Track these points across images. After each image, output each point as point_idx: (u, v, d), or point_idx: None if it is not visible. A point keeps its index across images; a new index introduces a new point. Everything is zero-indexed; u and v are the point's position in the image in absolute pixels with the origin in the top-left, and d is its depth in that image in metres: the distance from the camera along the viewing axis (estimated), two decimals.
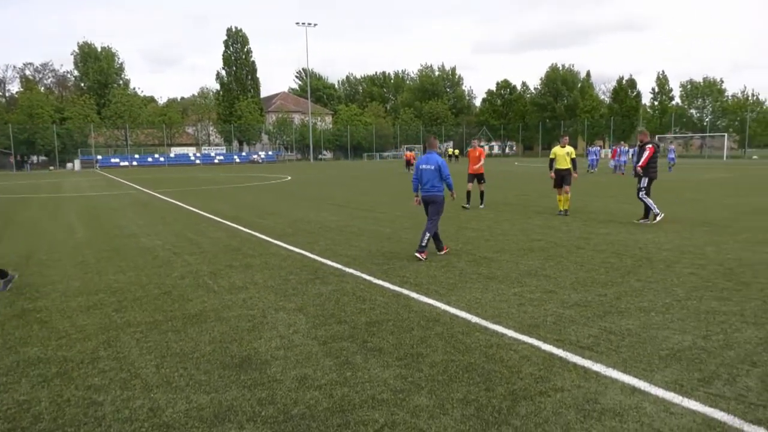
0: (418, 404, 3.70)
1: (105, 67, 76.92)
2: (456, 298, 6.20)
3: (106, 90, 75.94)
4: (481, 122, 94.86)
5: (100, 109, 73.09)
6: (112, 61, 78.34)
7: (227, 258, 8.80)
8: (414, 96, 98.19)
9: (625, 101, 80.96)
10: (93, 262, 8.78)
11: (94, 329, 5.43)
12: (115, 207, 17.95)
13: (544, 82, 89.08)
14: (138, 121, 74.19)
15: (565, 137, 13.73)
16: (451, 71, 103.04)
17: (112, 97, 73.47)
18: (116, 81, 78.72)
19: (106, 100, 73.83)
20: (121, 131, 74.06)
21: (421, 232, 8.48)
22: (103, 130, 72.57)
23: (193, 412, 3.69)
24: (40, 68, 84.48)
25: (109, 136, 73.82)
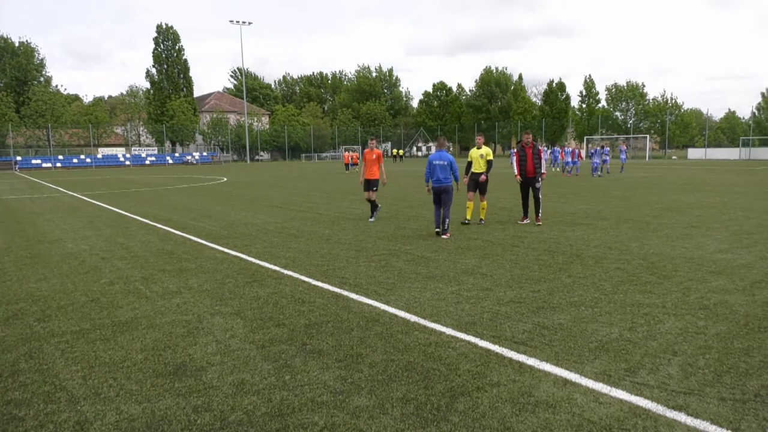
0: (358, 405, 3.70)
1: (23, 62, 72.41)
2: (395, 297, 6.24)
3: (26, 87, 71.51)
4: (419, 123, 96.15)
5: (19, 107, 68.77)
6: (31, 57, 73.84)
7: (160, 262, 8.49)
8: (352, 97, 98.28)
9: (555, 104, 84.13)
10: (12, 269, 8.26)
11: (14, 340, 5.11)
12: (37, 211, 16.94)
13: (479, 84, 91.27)
14: (61, 121, 70.28)
15: (480, 137, 11.97)
16: (388, 72, 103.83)
17: (32, 94, 69.23)
18: (36, 78, 74.27)
19: (26, 98, 69.52)
20: (42, 131, 69.97)
21: (440, 218, 10.29)
22: (22, 129, 68.32)
23: (124, 423, 3.53)
24: None
25: (29, 136, 69.54)
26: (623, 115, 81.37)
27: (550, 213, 13.59)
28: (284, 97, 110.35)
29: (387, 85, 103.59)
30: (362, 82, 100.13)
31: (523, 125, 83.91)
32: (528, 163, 11.56)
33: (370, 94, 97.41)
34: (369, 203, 12.97)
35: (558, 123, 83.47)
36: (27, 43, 73.65)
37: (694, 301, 5.93)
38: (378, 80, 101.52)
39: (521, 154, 11.67)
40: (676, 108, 79.73)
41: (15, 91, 70.45)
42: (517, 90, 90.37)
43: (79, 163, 67.86)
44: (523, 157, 11.65)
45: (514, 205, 15.33)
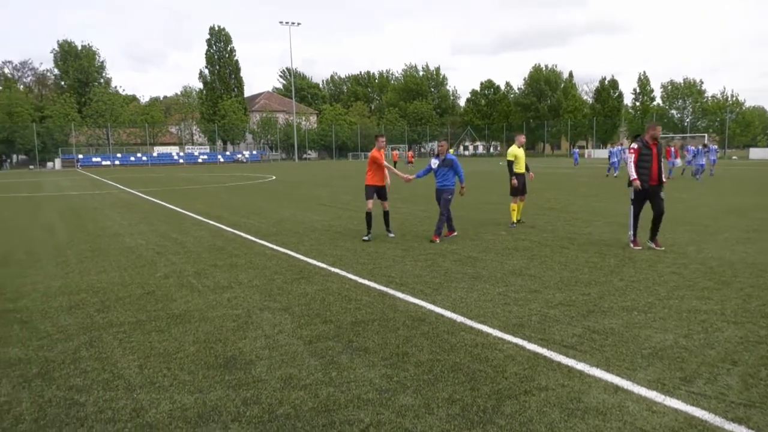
0: (404, 404, 3.71)
1: (86, 65, 75.88)
2: (441, 297, 6.21)
3: (87, 88, 74.92)
4: (466, 122, 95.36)
5: (81, 107, 72.11)
6: (92, 60, 77.29)
7: (212, 257, 8.73)
8: (398, 96, 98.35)
9: (607, 102, 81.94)
10: (74, 262, 8.67)
11: (76, 329, 5.36)
12: (97, 207, 17.71)
13: (528, 83, 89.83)
14: (120, 120, 73.28)
15: (522, 136, 11.80)
16: (435, 71, 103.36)
17: (93, 95, 72.49)
18: (97, 79, 77.68)
19: (87, 99, 72.85)
20: (102, 130, 73.11)
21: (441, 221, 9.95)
22: (84, 129, 71.61)
23: (177, 412, 3.65)
24: (20, 66, 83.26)
25: (90, 135, 72.84)
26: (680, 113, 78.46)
27: (600, 214, 13.24)
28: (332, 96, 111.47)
29: (434, 84, 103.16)
30: (409, 81, 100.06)
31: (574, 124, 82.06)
32: (654, 166, 8.63)
33: (417, 93, 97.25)
34: (382, 216, 10.52)
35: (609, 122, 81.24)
36: (89, 47, 77.12)
37: (755, 309, 5.66)
38: (425, 79, 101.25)
39: (644, 152, 8.69)
40: (737, 105, 76.29)
41: (77, 92, 73.91)
42: (567, 88, 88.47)
43: (135, 161, 70.51)
44: (648, 156, 8.64)
45: (564, 205, 15.01)
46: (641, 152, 8.70)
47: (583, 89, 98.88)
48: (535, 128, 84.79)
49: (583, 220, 12.33)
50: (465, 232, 10.87)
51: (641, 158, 8.69)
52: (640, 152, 8.71)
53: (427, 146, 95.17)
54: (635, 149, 8.76)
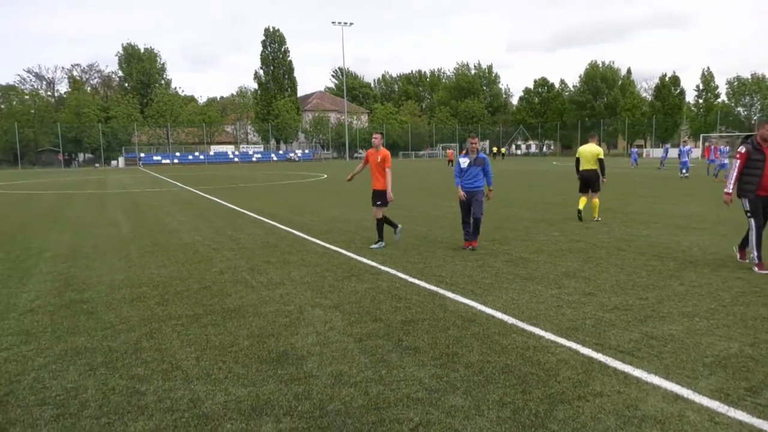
0: (454, 404, 3.69)
1: (147, 67, 79.11)
2: (492, 298, 6.14)
3: (149, 89, 78.10)
4: (518, 121, 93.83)
5: (143, 108, 75.23)
6: (154, 62, 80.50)
7: (265, 254, 8.93)
8: (450, 94, 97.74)
9: (667, 99, 78.85)
10: (136, 256, 9.04)
11: (138, 321, 5.60)
12: (158, 204, 18.43)
13: (583, 80, 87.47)
14: (179, 120, 76.02)
15: (594, 135, 12.52)
16: (488, 69, 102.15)
17: (155, 96, 75.56)
18: (158, 81, 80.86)
19: (149, 100, 75.96)
20: (162, 130, 76.03)
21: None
22: (145, 128, 74.69)
23: (232, 404, 3.76)
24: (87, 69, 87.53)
25: (151, 134, 75.92)
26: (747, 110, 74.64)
27: (659, 216, 12.76)
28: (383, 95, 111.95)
29: (486, 82, 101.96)
30: (461, 79, 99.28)
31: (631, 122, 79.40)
32: (766, 173, 7.15)
33: (468, 92, 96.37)
34: (380, 223, 9.39)
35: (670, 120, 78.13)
36: (151, 49, 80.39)
37: None
38: (477, 77, 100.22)
39: (754, 157, 7.24)
40: None
41: (140, 93, 77.16)
42: (625, 85, 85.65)
43: (193, 159, 72.87)
44: (759, 162, 7.19)
45: (620, 206, 14.55)
46: (750, 157, 7.27)
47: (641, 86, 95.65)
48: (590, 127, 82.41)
49: (640, 221, 11.92)
50: (516, 232, 10.70)
51: (750, 164, 7.26)
52: (748, 157, 7.28)
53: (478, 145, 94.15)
54: (743, 153, 7.32)
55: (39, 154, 72.45)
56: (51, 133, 70.18)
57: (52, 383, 4.15)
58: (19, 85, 78.82)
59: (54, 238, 11.08)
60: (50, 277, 7.59)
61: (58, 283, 7.28)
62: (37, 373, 4.34)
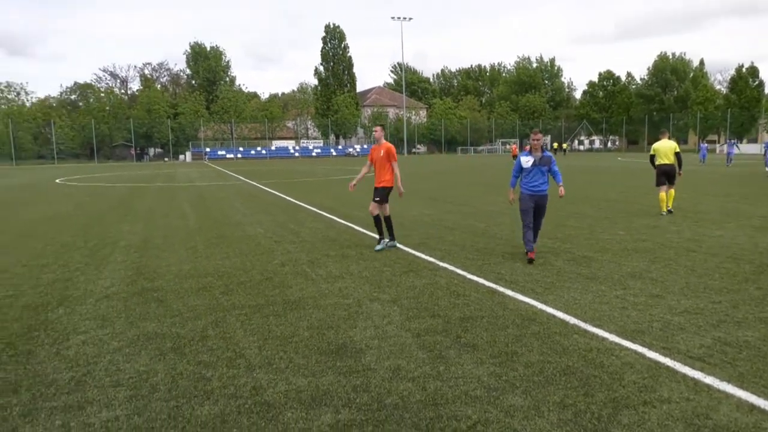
0: (513, 404, 3.64)
1: (213, 65, 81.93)
2: (553, 297, 6.01)
3: (214, 87, 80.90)
4: (581, 116, 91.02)
5: (209, 104, 78.01)
6: (219, 60, 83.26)
7: (325, 248, 9.08)
8: (510, 89, 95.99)
9: (744, 92, 74.46)
10: (202, 247, 9.39)
11: (204, 309, 5.82)
12: (222, 197, 19.06)
13: (652, 73, 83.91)
14: (242, 116, 78.33)
15: (665, 131, 13.14)
16: (550, 62, 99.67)
17: (220, 93, 78.19)
18: (223, 78, 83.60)
19: (214, 96, 78.69)
20: (227, 125, 78.52)
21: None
22: (211, 124, 77.42)
23: (292, 393, 3.85)
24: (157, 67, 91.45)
25: (216, 130, 78.61)
26: None
27: (733, 215, 12.09)
28: (442, 90, 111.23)
29: (548, 75, 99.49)
30: (522, 73, 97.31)
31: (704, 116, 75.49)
32: None
33: (529, 86, 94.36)
34: (378, 220, 8.93)
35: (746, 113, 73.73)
36: (216, 48, 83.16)
37: None
38: (538, 71, 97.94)
39: None
40: None
41: (206, 90, 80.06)
42: (697, 77, 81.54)
43: (255, 154, 74.88)
44: None
45: (691, 205, 13.87)
46: None
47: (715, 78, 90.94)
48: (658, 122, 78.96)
49: (712, 221, 11.33)
50: (579, 230, 10.40)
51: None
52: None
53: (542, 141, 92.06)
54: None
55: (113, 149, 76.35)
56: (124, 128, 73.90)
57: (125, 366, 4.38)
58: (96, 83, 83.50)
59: (127, 229, 11.66)
60: (123, 266, 8.00)
61: (131, 271, 7.66)
62: (112, 356, 4.59)
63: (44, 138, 72.85)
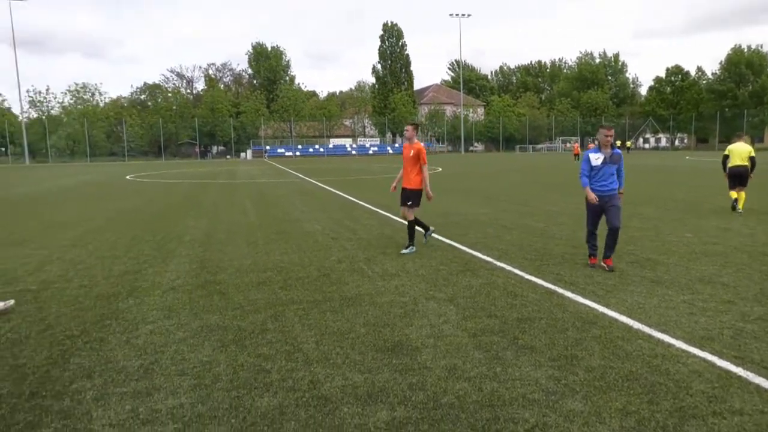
0: (572, 409, 3.55)
1: (274, 64, 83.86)
2: (616, 300, 5.82)
3: (275, 86, 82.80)
4: (647, 112, 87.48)
5: (269, 103, 79.90)
6: (280, 59, 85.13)
7: (381, 245, 9.13)
8: (571, 85, 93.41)
9: None
10: (262, 243, 9.64)
11: (263, 303, 5.97)
12: (282, 194, 19.49)
13: (725, 67, 79.60)
14: (301, 115, 79.84)
15: (742, 134, 12.98)
16: (613, 58, 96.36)
17: (280, 92, 79.91)
18: (283, 77, 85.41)
19: (275, 95, 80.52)
20: (286, 124, 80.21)
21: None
22: (271, 122, 79.34)
23: (349, 389, 3.90)
24: (221, 68, 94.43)
25: (276, 128, 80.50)
26: None
27: None
28: (500, 87, 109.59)
29: (611, 71, 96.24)
30: (583, 69, 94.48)
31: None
32: None
33: (592, 82, 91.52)
34: (412, 225, 8.64)
35: None
36: (277, 48, 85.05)
37: None
38: (601, 67, 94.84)
39: None
40: None
41: (267, 89, 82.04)
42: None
43: (313, 152, 76.14)
44: None
45: (764, 207, 13.08)
46: None
47: None
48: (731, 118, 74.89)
49: None
50: (643, 231, 10.01)
51: None
52: None
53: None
54: None
55: (179, 147, 79.45)
56: (189, 127, 76.75)
57: (189, 356, 4.55)
58: (164, 83, 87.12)
59: (191, 224, 12.11)
60: (188, 259, 8.32)
61: (195, 264, 7.96)
62: (177, 345, 4.79)
63: (116, 136, 76.72)
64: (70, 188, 24.76)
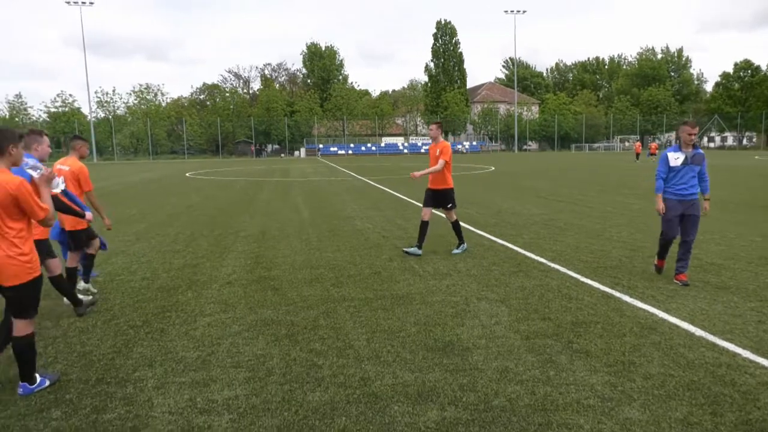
0: (629, 417, 3.44)
1: (327, 64, 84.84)
2: (677, 306, 5.59)
3: (328, 85, 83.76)
4: (712, 110, 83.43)
5: (323, 102, 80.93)
6: (333, 59, 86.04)
7: (432, 244, 9.09)
8: (631, 82, 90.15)
9: None
10: (315, 240, 9.78)
11: (316, 300, 6.06)
12: (334, 192, 19.72)
13: None
14: (354, 113, 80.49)
15: None
16: (677, 53, 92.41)
17: (333, 91, 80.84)
18: (336, 76, 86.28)
19: (328, 95, 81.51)
20: (339, 122, 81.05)
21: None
22: (324, 121, 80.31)
23: (399, 387, 3.91)
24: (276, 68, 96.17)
25: (329, 127, 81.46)
26: None
27: None
28: (556, 85, 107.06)
29: (674, 67, 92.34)
30: (644, 65, 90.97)
31: None
32: None
33: (653, 79, 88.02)
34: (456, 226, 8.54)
35: None
36: (330, 47, 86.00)
37: None
38: (663, 62, 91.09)
39: None
40: None
41: (320, 88, 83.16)
42: None
43: (366, 150, 76.56)
44: None
45: None
46: None
47: None
48: None
49: None
50: (707, 234, 9.56)
51: None
52: None
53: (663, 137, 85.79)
54: None
55: (235, 145, 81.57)
56: (245, 126, 78.74)
57: (244, 349, 4.68)
58: (222, 84, 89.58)
59: (247, 221, 12.42)
60: (243, 255, 8.54)
61: (250, 260, 8.16)
62: (233, 338, 4.93)
63: (176, 135, 79.58)
64: (135, 185, 25.87)
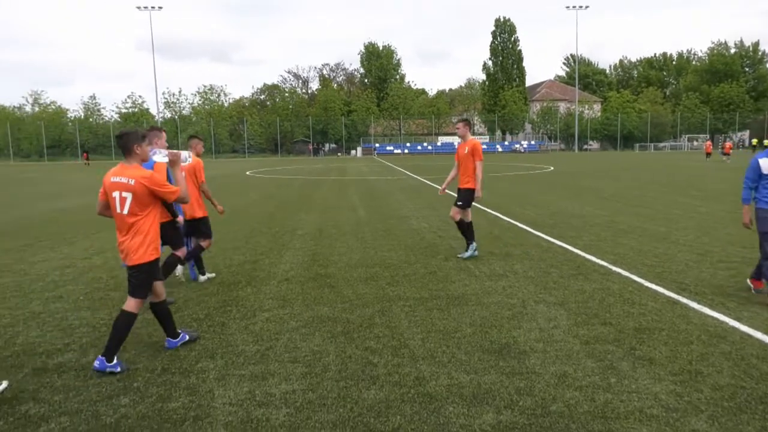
0: (696, 429, 3.29)
1: (385, 63, 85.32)
2: (749, 314, 5.30)
3: (385, 84, 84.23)
4: None
5: (379, 101, 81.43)
6: (390, 58, 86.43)
7: (488, 245, 8.99)
8: (701, 79, 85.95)
9: None
10: (370, 238, 9.85)
11: (371, 298, 6.11)
12: (390, 191, 19.80)
13: None
14: (410, 113, 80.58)
15: None
16: (752, 47, 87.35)
17: (390, 90, 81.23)
18: (393, 76, 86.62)
19: (385, 94, 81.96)
20: (395, 122, 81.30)
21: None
22: (381, 120, 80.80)
23: (454, 388, 3.88)
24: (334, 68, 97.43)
25: (385, 126, 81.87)
26: None
27: None
28: (619, 82, 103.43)
29: (749, 62, 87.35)
30: (716, 60, 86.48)
31: None
32: None
33: (725, 75, 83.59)
34: (464, 226, 8.20)
35: None
36: (388, 47, 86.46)
37: None
38: (737, 57, 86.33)
39: None
40: None
41: (377, 88, 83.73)
42: None
43: (422, 149, 76.49)
44: None
45: None
46: None
47: None
48: None
49: None
50: None
51: None
52: None
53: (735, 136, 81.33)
54: None
55: (294, 144, 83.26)
56: (303, 125, 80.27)
57: (301, 345, 4.77)
58: (281, 84, 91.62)
59: (304, 218, 12.65)
60: (301, 252, 8.71)
61: (307, 257, 8.31)
62: (290, 334, 5.03)
63: (237, 134, 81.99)
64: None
